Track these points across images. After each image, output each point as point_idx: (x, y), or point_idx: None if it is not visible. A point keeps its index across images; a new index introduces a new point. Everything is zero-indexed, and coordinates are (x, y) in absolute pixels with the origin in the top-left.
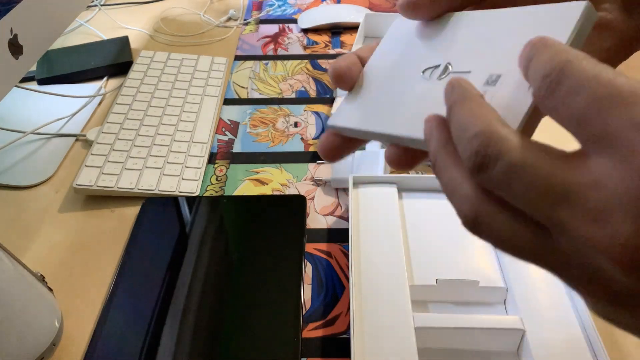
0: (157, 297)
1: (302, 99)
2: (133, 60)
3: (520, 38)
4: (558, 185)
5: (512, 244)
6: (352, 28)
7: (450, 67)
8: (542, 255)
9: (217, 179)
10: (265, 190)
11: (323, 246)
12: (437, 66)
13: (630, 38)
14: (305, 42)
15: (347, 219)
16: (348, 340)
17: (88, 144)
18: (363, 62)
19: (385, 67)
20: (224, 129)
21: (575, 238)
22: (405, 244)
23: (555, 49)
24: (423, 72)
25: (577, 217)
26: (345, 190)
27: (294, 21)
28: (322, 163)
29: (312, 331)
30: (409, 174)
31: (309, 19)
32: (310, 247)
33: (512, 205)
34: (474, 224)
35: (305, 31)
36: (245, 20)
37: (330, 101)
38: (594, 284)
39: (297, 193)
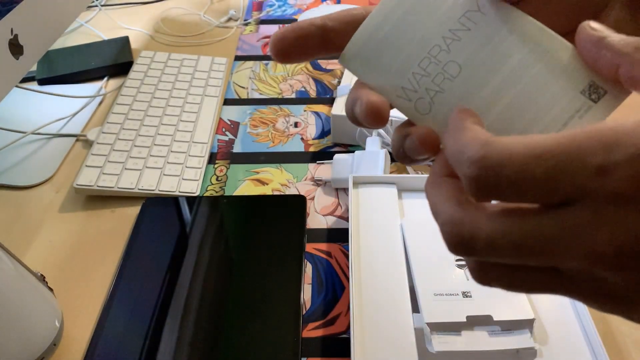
0: (158, 297)
1: (302, 99)
2: (133, 60)
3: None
4: (551, 233)
5: (516, 285)
6: None
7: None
8: (550, 288)
9: (217, 179)
10: (266, 191)
11: (323, 246)
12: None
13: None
14: None
15: (347, 219)
16: (348, 340)
17: (88, 144)
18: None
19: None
20: (224, 129)
21: (583, 269)
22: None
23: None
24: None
25: (579, 253)
26: (345, 190)
27: (294, 21)
28: (322, 163)
29: (312, 331)
30: (408, 174)
31: None
32: (310, 247)
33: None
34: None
35: None
36: (245, 20)
37: (330, 101)
38: (598, 293)
39: (297, 193)
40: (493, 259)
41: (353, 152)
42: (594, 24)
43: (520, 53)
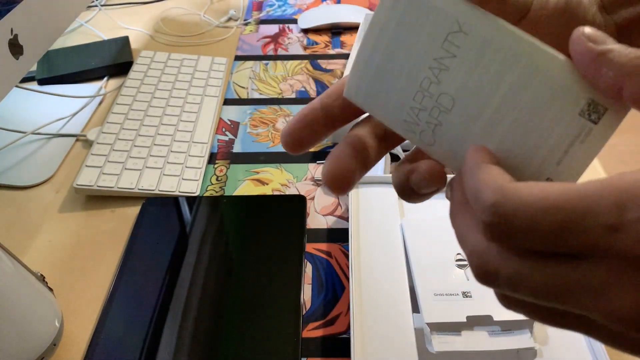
0: (157, 297)
1: (302, 99)
2: (133, 60)
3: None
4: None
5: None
6: (352, 28)
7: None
8: (568, 326)
9: (217, 179)
10: (266, 190)
11: (323, 246)
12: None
13: (611, 35)
14: (305, 42)
15: (347, 219)
16: (348, 340)
17: (88, 144)
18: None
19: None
20: (224, 129)
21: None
22: None
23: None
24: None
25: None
26: None
27: (294, 21)
28: (322, 163)
29: (312, 331)
30: None
31: (309, 19)
32: (310, 247)
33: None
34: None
35: (306, 31)
36: (245, 20)
37: None
38: (618, 343)
39: (297, 193)
40: (516, 296)
41: None
42: (589, 31)
43: (511, 75)
